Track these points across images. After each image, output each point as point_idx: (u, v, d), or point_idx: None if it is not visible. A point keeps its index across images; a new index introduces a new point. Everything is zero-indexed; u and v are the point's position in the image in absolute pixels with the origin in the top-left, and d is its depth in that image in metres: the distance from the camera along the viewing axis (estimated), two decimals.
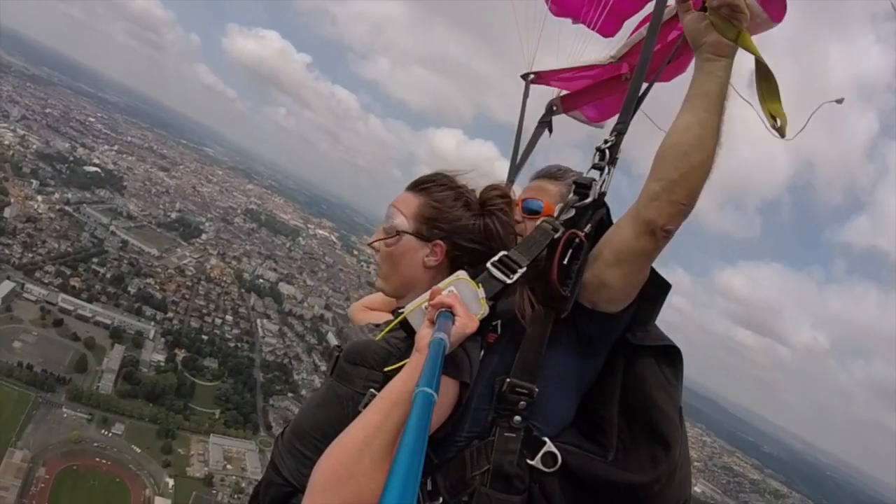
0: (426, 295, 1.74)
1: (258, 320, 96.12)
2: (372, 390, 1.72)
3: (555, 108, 3.34)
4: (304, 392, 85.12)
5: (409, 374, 1.55)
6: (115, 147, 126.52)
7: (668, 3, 2.42)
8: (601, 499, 1.90)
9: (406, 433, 0.79)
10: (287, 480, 1.74)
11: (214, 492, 62.81)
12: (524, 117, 3.33)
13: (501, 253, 1.90)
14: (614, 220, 2.05)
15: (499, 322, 1.97)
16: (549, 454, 1.85)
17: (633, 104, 2.05)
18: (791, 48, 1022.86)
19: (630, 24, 3.19)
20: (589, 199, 1.97)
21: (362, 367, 1.79)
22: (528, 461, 1.85)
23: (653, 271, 1.99)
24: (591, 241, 1.95)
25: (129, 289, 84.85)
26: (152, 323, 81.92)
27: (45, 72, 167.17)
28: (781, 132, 1.87)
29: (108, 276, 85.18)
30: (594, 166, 2.02)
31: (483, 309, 1.75)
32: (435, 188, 2.08)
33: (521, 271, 1.85)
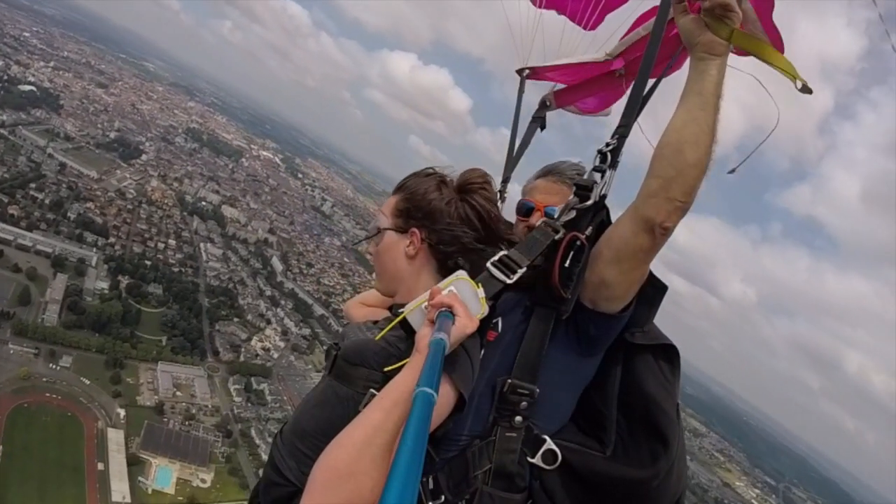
0: (426, 295, 1.73)
1: (201, 244, 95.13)
2: (372, 390, 1.71)
3: (548, 103, 3.35)
4: (249, 317, 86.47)
5: (410, 373, 1.53)
6: (52, 63, 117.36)
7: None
8: (601, 494, 1.94)
9: (406, 433, 0.79)
10: (289, 481, 1.74)
11: (165, 419, 64.41)
12: (520, 112, 3.35)
13: (501, 252, 1.91)
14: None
15: (499, 319, 2.02)
16: (550, 451, 1.89)
17: (636, 107, 2.04)
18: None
19: (612, 17, 3.19)
20: (590, 202, 1.97)
21: (362, 368, 1.79)
22: (529, 459, 1.90)
23: (650, 273, 2.01)
24: (592, 242, 1.97)
25: (69, 214, 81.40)
26: (94, 249, 79.39)
27: None
28: (807, 89, 1.92)
29: (47, 202, 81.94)
30: (595, 168, 2.01)
31: (483, 308, 1.75)
32: (410, 180, 2.09)
33: (521, 271, 1.87)
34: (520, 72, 3.41)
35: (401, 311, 1.83)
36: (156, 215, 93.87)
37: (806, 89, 1.91)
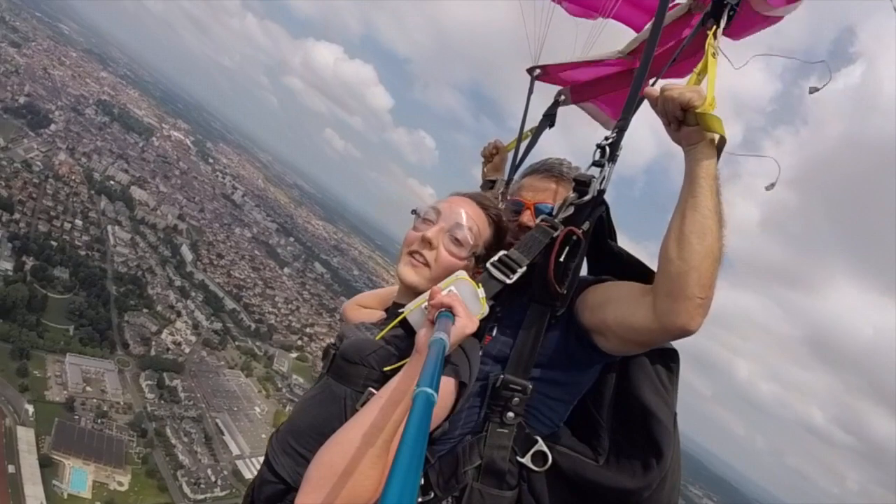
0: (426, 295, 1.73)
1: (109, 227, 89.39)
2: (371, 389, 1.70)
3: (563, 97, 3.24)
4: (159, 308, 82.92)
5: (409, 373, 1.53)
6: None
7: (678, 2, 2.63)
8: (590, 501, 1.91)
9: (406, 433, 0.78)
10: (283, 479, 1.72)
11: (77, 417, 60.11)
12: (527, 113, 3.27)
13: (501, 253, 1.93)
14: (615, 219, 2.10)
15: (495, 325, 2.02)
16: (540, 453, 1.87)
17: (634, 102, 2.04)
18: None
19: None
20: (588, 197, 1.95)
21: (361, 366, 1.78)
22: (519, 458, 1.88)
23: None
24: (588, 238, 1.95)
25: None
26: None
27: None
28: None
29: None
30: (594, 163, 1.99)
31: (483, 308, 1.74)
32: (498, 220, 2.13)
33: (520, 271, 1.87)
34: (530, 71, 3.37)
35: (401, 310, 1.85)
36: (62, 192, 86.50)
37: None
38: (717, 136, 1.76)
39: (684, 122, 1.76)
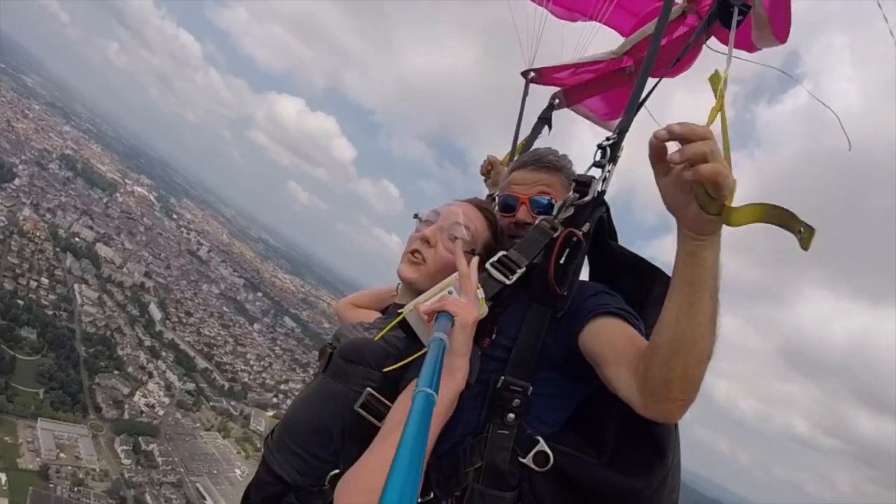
0: (425, 295, 1.77)
1: (76, 285, 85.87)
2: (369, 389, 1.70)
3: (557, 101, 3.20)
4: (130, 369, 79.48)
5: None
6: None
7: (675, 1, 2.55)
8: (591, 501, 1.86)
9: (406, 433, 0.77)
10: (279, 478, 1.72)
11: (52, 485, 55.44)
12: (522, 117, 3.24)
13: (501, 253, 1.91)
14: (616, 223, 2.09)
15: (496, 326, 1.97)
16: (542, 453, 1.82)
17: (636, 102, 2.01)
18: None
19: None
20: (588, 198, 1.92)
21: (360, 366, 1.78)
22: (521, 459, 1.83)
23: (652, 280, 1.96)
24: (589, 239, 1.93)
25: None
26: None
27: None
28: (807, 241, 1.30)
29: None
30: (595, 164, 1.98)
31: (483, 309, 1.73)
32: (496, 222, 2.15)
33: (520, 272, 1.86)
34: (524, 74, 3.39)
35: (400, 311, 1.86)
36: (27, 249, 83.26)
37: (806, 241, 1.28)
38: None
39: (702, 204, 1.39)
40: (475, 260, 1.86)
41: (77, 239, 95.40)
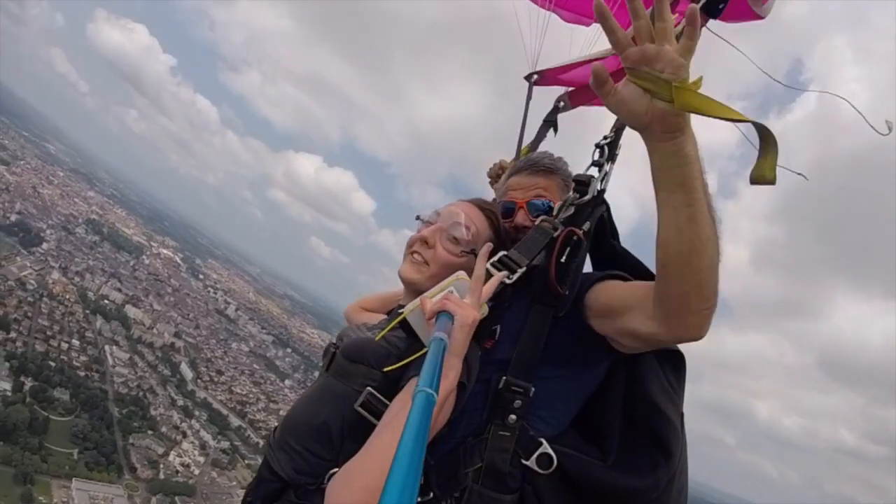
0: (426, 295, 1.74)
1: (106, 347, 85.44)
2: (370, 388, 1.71)
3: (562, 103, 3.16)
4: (163, 429, 78.28)
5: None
6: None
7: None
8: (596, 503, 1.84)
9: (406, 433, 0.76)
10: (278, 476, 1.73)
11: None
12: (526, 120, 3.21)
13: (501, 253, 1.90)
14: (618, 225, 2.08)
15: (497, 327, 1.96)
16: (545, 455, 1.79)
17: None
18: None
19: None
20: (588, 197, 1.93)
21: (361, 365, 1.78)
22: (524, 461, 1.80)
23: None
24: (592, 239, 1.94)
25: None
26: None
27: None
28: (767, 182, 1.39)
29: None
30: (593, 163, 1.97)
31: (483, 309, 1.71)
32: (498, 223, 2.13)
33: (520, 271, 1.84)
34: (528, 77, 3.39)
35: (400, 311, 1.87)
36: (58, 311, 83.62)
37: (765, 176, 1.39)
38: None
39: (653, 92, 1.35)
40: (482, 262, 1.79)
41: (106, 301, 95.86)
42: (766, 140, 1.37)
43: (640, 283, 1.78)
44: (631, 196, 33.20)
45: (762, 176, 1.37)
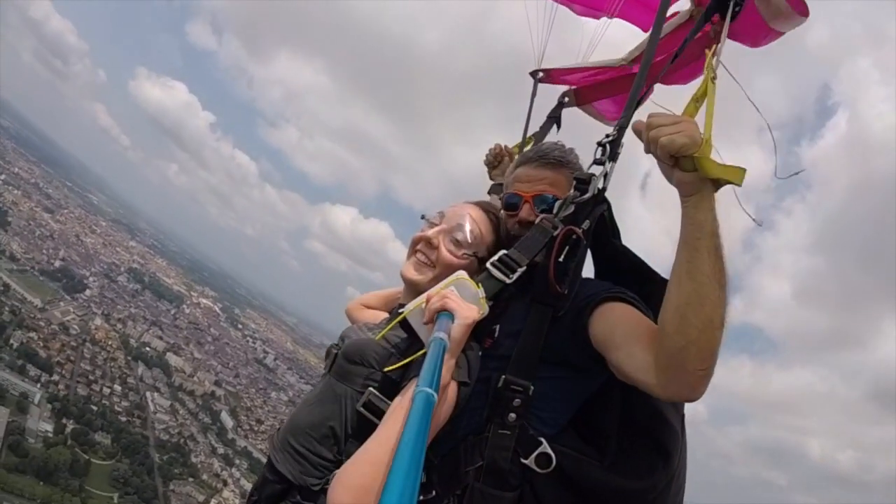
0: (426, 295, 1.75)
1: (147, 393, 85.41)
2: (371, 389, 1.72)
3: (566, 99, 3.23)
4: (204, 476, 76.77)
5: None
6: (3, 176, 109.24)
7: (678, 10, 2.58)
8: (594, 502, 1.85)
9: (406, 433, 0.77)
10: (282, 477, 1.73)
11: None
12: (531, 116, 3.29)
13: (501, 252, 1.90)
14: (618, 229, 2.12)
15: (497, 327, 1.96)
16: (544, 455, 1.78)
17: (635, 99, 2.04)
18: None
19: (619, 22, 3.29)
20: (588, 195, 1.92)
21: (362, 366, 1.80)
22: (522, 460, 1.79)
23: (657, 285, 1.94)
24: (592, 239, 1.95)
25: (11, 341, 70.87)
26: (38, 385, 68.79)
27: None
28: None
29: None
30: (595, 161, 1.98)
31: (483, 309, 1.74)
32: (497, 220, 2.16)
33: (520, 270, 1.84)
34: (533, 74, 3.37)
35: (401, 310, 1.84)
36: (100, 356, 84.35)
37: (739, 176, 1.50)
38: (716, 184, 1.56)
39: (677, 165, 1.53)
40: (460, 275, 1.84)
41: (148, 348, 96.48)
42: (733, 177, 1.50)
43: (647, 323, 1.73)
44: (667, 236, 32.46)
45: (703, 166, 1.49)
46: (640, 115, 1.74)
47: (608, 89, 3.20)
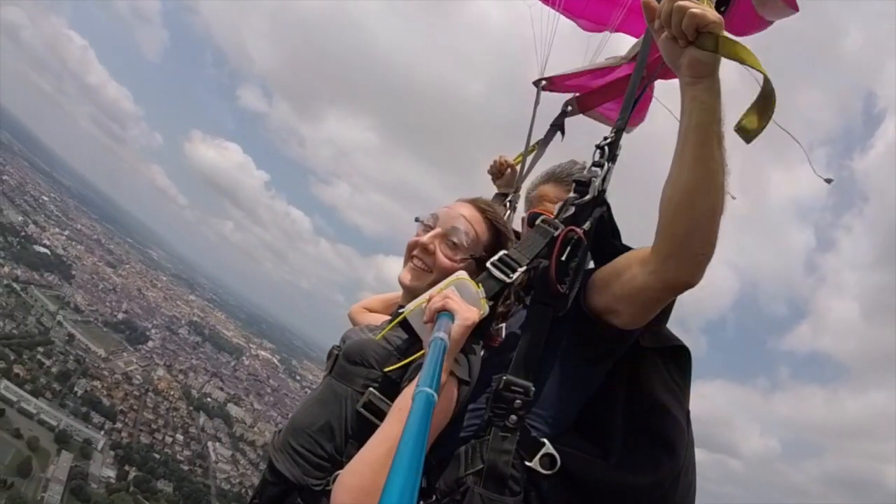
0: (426, 295, 1.73)
1: (209, 443, 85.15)
2: (372, 389, 1.71)
3: (570, 108, 3.29)
4: None
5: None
6: (66, 232, 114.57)
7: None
8: (601, 502, 1.82)
9: (406, 433, 0.77)
10: (283, 478, 1.71)
11: None
12: (534, 124, 3.35)
13: (501, 252, 1.87)
14: (619, 224, 2.06)
15: (503, 325, 1.97)
16: (548, 456, 1.78)
17: (631, 101, 2.01)
18: (738, 177, 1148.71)
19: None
20: (588, 197, 1.90)
21: (362, 367, 1.79)
22: (527, 463, 1.76)
23: None
24: (593, 240, 1.90)
25: (76, 389, 72.36)
26: (101, 432, 69.56)
27: (5, 137, 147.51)
28: (746, 135, 1.53)
29: (54, 370, 73.12)
30: (594, 164, 1.96)
31: (483, 309, 1.73)
32: (500, 224, 2.10)
33: (520, 270, 1.82)
34: (536, 83, 3.44)
35: (401, 311, 1.85)
36: (162, 406, 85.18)
37: (750, 131, 1.53)
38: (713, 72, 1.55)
39: (695, 42, 1.51)
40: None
41: (209, 399, 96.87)
42: (766, 93, 1.49)
43: (636, 250, 1.83)
44: (728, 266, 29.69)
45: (743, 127, 1.51)
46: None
47: (607, 93, 3.24)
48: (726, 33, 1.47)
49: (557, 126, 3.27)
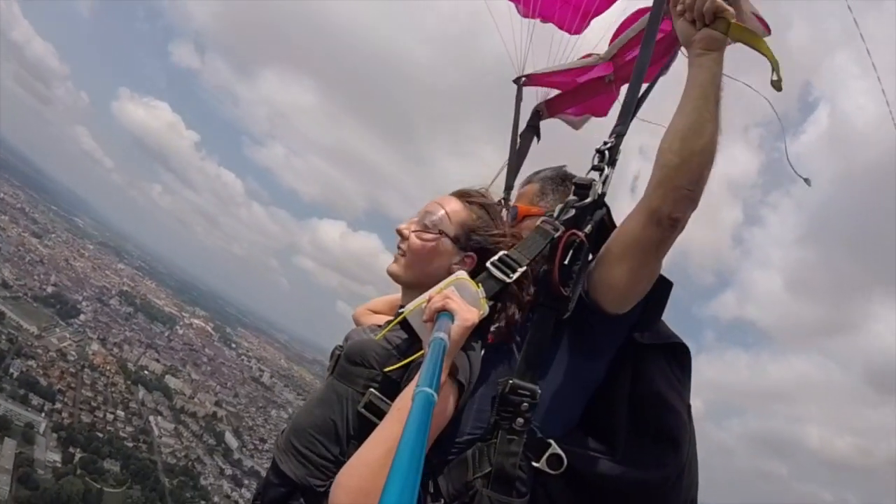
0: (425, 295, 1.76)
1: (151, 417, 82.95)
2: (372, 389, 1.74)
3: (541, 112, 3.40)
4: (216, 499, 74.81)
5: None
6: None
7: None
8: (608, 500, 1.88)
9: (405, 433, 0.77)
10: (287, 479, 1.74)
11: None
12: (518, 122, 3.41)
13: (501, 252, 1.90)
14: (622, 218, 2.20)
15: (515, 331, 1.99)
16: (555, 456, 1.82)
17: (632, 107, 2.08)
18: None
19: (597, 22, 3.44)
20: (588, 200, 1.96)
21: (363, 367, 1.81)
22: (534, 464, 1.82)
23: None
24: (593, 242, 1.96)
25: (11, 371, 68.07)
26: (42, 414, 66.35)
27: None
28: (779, 85, 1.94)
29: None
30: (594, 167, 2.03)
31: (483, 309, 1.75)
32: (478, 201, 2.13)
33: (521, 270, 1.85)
34: (516, 81, 3.46)
35: (401, 311, 1.86)
36: (100, 382, 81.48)
37: (778, 85, 1.94)
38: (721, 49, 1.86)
39: (711, 25, 1.83)
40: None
41: (146, 371, 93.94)
42: (775, 65, 1.89)
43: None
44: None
45: (776, 83, 1.91)
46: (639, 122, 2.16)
47: (578, 96, 3.32)
48: (736, 21, 1.83)
49: (534, 128, 3.37)
